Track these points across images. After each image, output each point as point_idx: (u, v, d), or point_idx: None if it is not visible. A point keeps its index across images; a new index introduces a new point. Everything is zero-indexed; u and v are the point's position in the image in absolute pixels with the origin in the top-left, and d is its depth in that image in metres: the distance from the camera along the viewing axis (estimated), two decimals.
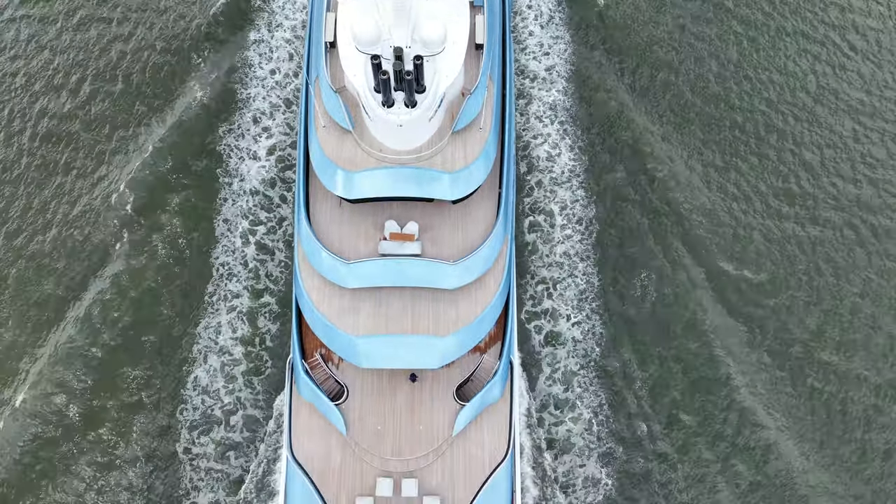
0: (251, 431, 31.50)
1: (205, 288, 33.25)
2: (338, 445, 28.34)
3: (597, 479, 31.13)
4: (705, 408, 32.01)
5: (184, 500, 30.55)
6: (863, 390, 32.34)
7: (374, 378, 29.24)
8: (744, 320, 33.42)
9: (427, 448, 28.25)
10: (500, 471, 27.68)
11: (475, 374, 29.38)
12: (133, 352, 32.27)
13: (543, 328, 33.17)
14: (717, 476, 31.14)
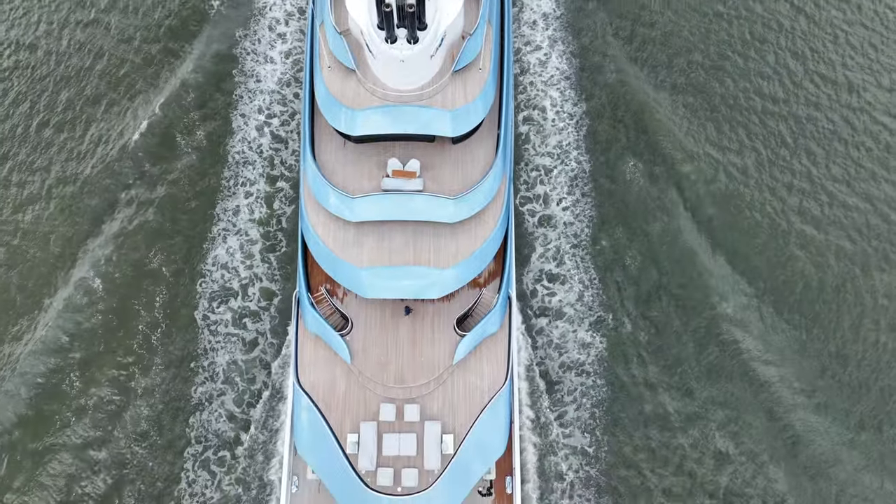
0: (267, 300, 34.18)
1: (222, 173, 35.90)
2: (342, 375, 29.63)
3: (588, 343, 33.59)
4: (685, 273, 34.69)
5: (202, 358, 33.28)
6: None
7: (377, 311, 30.51)
8: (722, 199, 35.98)
9: (428, 376, 29.54)
10: (498, 398, 28.90)
11: (475, 308, 30.62)
12: (155, 232, 35.07)
13: (536, 212, 35.55)
14: (696, 331, 33.77)
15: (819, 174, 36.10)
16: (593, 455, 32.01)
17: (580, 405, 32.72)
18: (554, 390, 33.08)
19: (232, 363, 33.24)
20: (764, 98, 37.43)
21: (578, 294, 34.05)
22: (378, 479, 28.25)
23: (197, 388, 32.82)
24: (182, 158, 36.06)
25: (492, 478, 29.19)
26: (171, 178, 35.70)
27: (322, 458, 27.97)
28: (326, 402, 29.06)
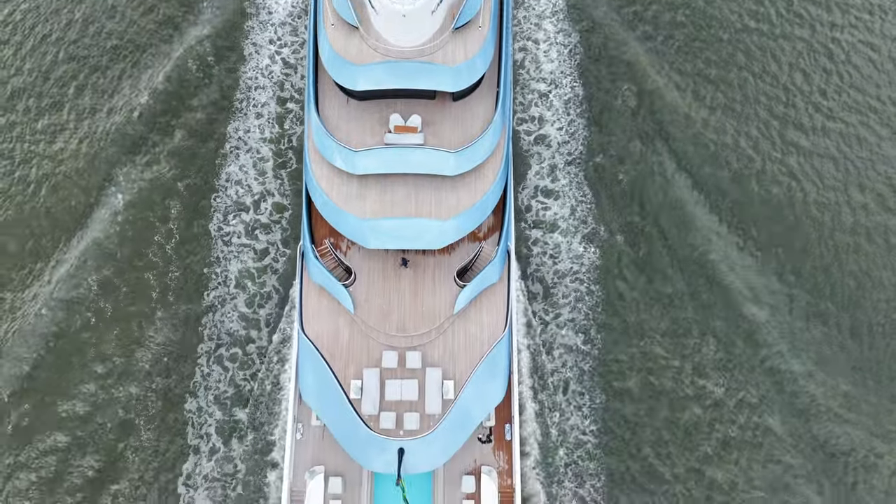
0: (278, 213, 36.16)
1: (233, 95, 37.96)
2: (346, 324, 30.62)
3: (579, 253, 35.51)
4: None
5: (214, 265, 35.20)
6: None
7: (380, 263, 31.58)
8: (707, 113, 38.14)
9: (429, 325, 30.50)
10: (498, 347, 29.97)
11: (474, 261, 31.64)
12: (173, 154, 37.14)
13: (532, 131, 37.60)
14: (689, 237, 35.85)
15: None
16: (587, 352, 33.88)
17: (574, 307, 34.59)
18: (550, 294, 35.00)
19: (244, 270, 35.16)
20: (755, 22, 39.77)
21: (571, 208, 36.00)
22: (381, 422, 29.28)
23: (210, 293, 34.74)
24: (199, 85, 38.16)
25: (491, 424, 30.23)
26: (189, 104, 37.86)
27: (326, 404, 28.95)
28: (330, 351, 30.07)
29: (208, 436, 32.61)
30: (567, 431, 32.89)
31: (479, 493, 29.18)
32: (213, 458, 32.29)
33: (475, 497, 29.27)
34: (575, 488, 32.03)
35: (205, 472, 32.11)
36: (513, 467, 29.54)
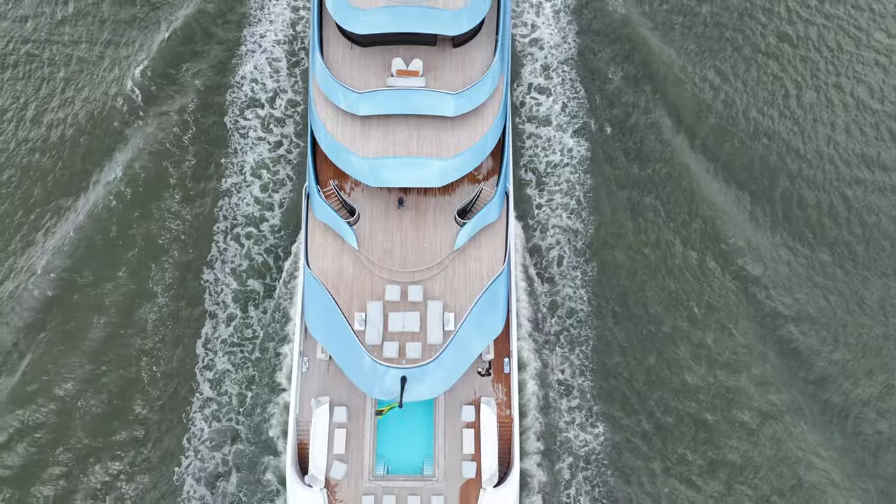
0: (292, 108, 38.74)
1: (248, 2, 40.92)
2: (350, 261, 31.56)
3: (571, 147, 38.00)
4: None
5: (231, 156, 37.95)
6: None
7: (382, 203, 32.61)
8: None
9: (431, 262, 31.50)
10: (497, 282, 30.97)
11: (474, 202, 32.63)
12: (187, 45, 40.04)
13: (527, 35, 40.15)
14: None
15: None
16: (581, 231, 36.47)
17: (566, 193, 37.11)
18: (542, 182, 37.51)
19: (259, 160, 37.72)
20: None
21: (563, 105, 38.56)
22: (384, 351, 30.16)
23: (226, 180, 37.34)
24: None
25: (490, 358, 31.48)
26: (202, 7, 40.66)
27: (331, 336, 30.08)
28: (335, 286, 31.13)
29: (225, 304, 35.11)
30: (559, 303, 35.37)
31: (478, 422, 30.34)
32: (230, 324, 34.77)
33: (475, 426, 30.43)
34: (566, 353, 34.46)
35: (223, 336, 34.57)
36: (511, 399, 30.76)
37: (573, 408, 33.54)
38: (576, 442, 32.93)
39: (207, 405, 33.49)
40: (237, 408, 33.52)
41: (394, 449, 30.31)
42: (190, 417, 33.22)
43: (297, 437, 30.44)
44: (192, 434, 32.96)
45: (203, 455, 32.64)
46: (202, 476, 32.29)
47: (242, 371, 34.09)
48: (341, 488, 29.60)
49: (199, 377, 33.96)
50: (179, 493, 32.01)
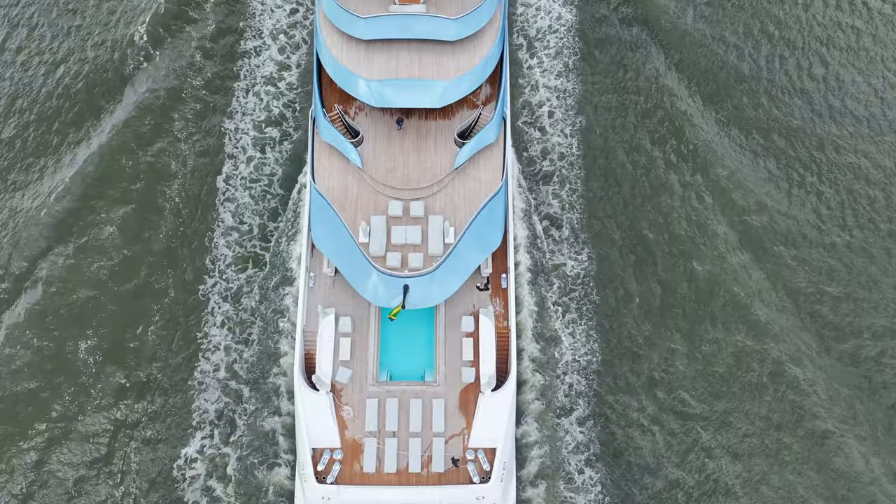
0: None
1: None
2: (354, 180, 33.11)
3: (560, 14, 41.26)
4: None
5: (250, 20, 41.08)
6: None
7: (385, 126, 34.11)
8: None
9: (432, 180, 33.06)
10: (495, 199, 32.45)
11: (474, 127, 34.12)
12: None
13: None
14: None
15: None
16: (570, 90, 39.76)
17: (555, 57, 40.35)
18: (533, 46, 40.77)
19: (277, 26, 40.93)
20: None
21: None
22: (387, 261, 31.64)
23: (246, 42, 40.62)
24: None
25: (489, 273, 32.86)
26: None
27: (337, 248, 31.50)
28: (340, 203, 32.62)
29: (244, 148, 38.34)
30: (550, 149, 38.60)
31: (477, 332, 31.59)
32: (250, 164, 37.99)
33: (474, 335, 31.66)
34: (556, 191, 37.70)
35: (242, 174, 37.79)
36: (509, 311, 32.07)
37: (563, 239, 36.85)
38: (566, 269, 36.19)
39: (229, 233, 36.76)
40: (258, 235, 36.79)
41: (396, 359, 31.62)
42: (214, 242, 36.51)
43: (305, 347, 31.67)
44: (215, 257, 36.19)
45: (228, 277, 35.89)
46: (228, 294, 35.59)
47: (262, 203, 37.33)
48: (346, 392, 30.83)
49: (219, 208, 37.23)
50: (205, 308, 35.32)
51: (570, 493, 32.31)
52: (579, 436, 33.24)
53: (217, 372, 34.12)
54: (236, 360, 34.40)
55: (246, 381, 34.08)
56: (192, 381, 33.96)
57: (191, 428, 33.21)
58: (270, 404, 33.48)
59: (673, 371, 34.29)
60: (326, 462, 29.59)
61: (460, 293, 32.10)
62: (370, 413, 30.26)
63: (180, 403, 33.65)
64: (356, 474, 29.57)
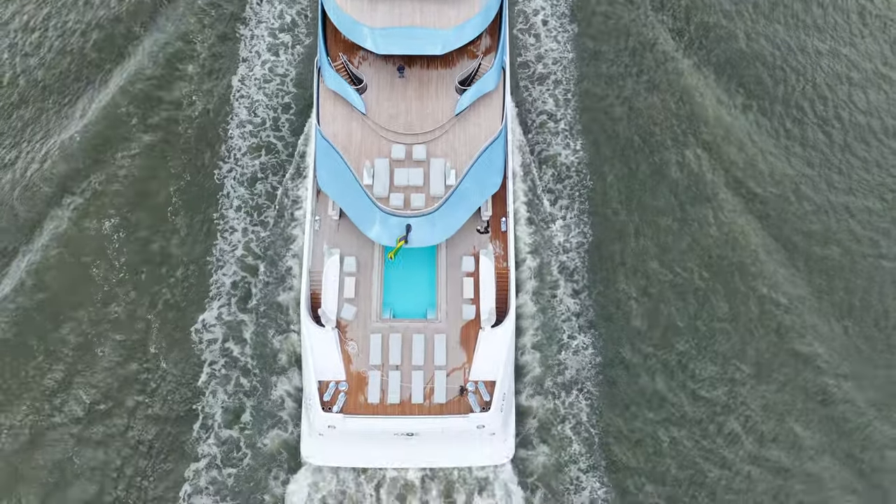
0: None
1: None
2: (358, 126, 33.97)
3: None
4: None
5: None
6: None
7: (388, 74, 35.08)
8: None
9: (434, 125, 34.07)
10: (495, 144, 33.63)
11: (474, 75, 35.16)
12: None
13: None
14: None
15: None
16: None
17: None
18: None
19: None
20: None
21: None
22: (390, 202, 32.51)
23: None
24: None
25: (489, 216, 34.02)
26: None
27: (342, 190, 32.59)
28: (345, 147, 33.54)
29: (259, 52, 40.90)
30: (544, 54, 41.11)
31: (477, 272, 32.64)
32: (264, 67, 40.39)
33: (474, 275, 32.70)
34: (550, 90, 40.22)
35: (256, 76, 40.21)
36: (508, 253, 33.14)
37: (557, 132, 39.35)
38: (560, 158, 38.74)
39: (243, 125, 39.13)
40: (271, 126, 39.17)
41: (399, 298, 32.62)
42: (229, 133, 38.89)
43: (310, 288, 32.62)
44: (231, 146, 38.55)
45: (243, 164, 38.26)
46: (243, 179, 37.96)
47: (276, 99, 39.73)
48: (351, 328, 31.77)
49: (234, 103, 39.58)
50: (221, 190, 37.70)
51: (563, 356, 34.63)
52: (573, 306, 35.62)
53: (235, 250, 36.42)
54: (252, 241, 36.66)
55: (262, 258, 36.31)
56: (209, 258, 36.26)
57: (208, 298, 35.44)
58: (284, 283, 35.70)
59: (664, 245, 36.84)
60: (332, 393, 30.62)
61: (461, 235, 33.30)
62: (374, 347, 31.28)
63: (198, 275, 35.89)
64: (360, 405, 30.60)
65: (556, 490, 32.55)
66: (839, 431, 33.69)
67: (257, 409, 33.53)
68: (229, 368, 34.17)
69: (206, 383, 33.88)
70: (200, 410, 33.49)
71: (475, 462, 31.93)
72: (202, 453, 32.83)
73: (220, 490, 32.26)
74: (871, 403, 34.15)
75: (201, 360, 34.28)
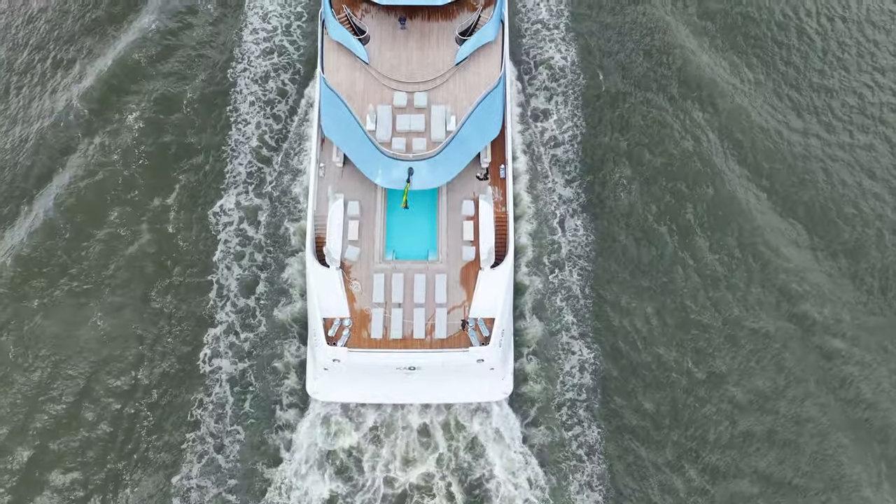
0: None
1: None
2: (361, 75, 35.05)
3: None
4: None
5: None
6: None
7: (390, 27, 36.15)
8: None
9: (434, 73, 35.16)
10: (494, 92, 34.62)
11: (473, 27, 36.03)
12: None
13: None
14: None
15: None
16: None
17: None
18: None
19: None
20: None
21: None
22: (393, 146, 33.56)
23: None
24: None
25: (488, 162, 34.81)
26: None
27: (346, 135, 33.56)
28: (349, 95, 34.64)
29: None
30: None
31: (477, 215, 33.63)
32: None
33: (474, 218, 33.71)
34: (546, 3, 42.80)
35: None
36: (507, 199, 34.18)
37: (554, 38, 41.65)
38: (552, 62, 41.16)
39: (256, 32, 41.48)
40: (282, 31, 41.49)
41: (401, 241, 33.50)
42: (242, 39, 41.15)
43: (315, 232, 33.45)
44: (244, 50, 40.87)
45: (255, 64, 40.55)
46: (256, 77, 40.20)
47: (288, 7, 42.07)
48: (355, 269, 32.72)
49: (248, 13, 41.85)
50: (234, 87, 40.03)
51: (555, 237, 37.02)
52: (566, 193, 37.99)
53: (249, 140, 38.67)
54: (266, 133, 38.89)
55: (275, 150, 38.57)
56: (224, 147, 38.52)
57: (224, 185, 37.74)
58: (297, 178, 37.90)
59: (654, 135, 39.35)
60: (336, 329, 31.55)
61: (461, 182, 34.28)
62: (377, 286, 32.21)
63: (215, 163, 38.18)
64: (364, 340, 31.50)
65: (549, 358, 34.81)
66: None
67: (270, 281, 35.76)
68: (244, 245, 36.37)
69: (222, 259, 36.11)
70: (216, 282, 35.75)
71: (474, 398, 32.77)
72: (219, 320, 35.07)
73: (238, 352, 34.49)
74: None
75: (217, 240, 36.52)
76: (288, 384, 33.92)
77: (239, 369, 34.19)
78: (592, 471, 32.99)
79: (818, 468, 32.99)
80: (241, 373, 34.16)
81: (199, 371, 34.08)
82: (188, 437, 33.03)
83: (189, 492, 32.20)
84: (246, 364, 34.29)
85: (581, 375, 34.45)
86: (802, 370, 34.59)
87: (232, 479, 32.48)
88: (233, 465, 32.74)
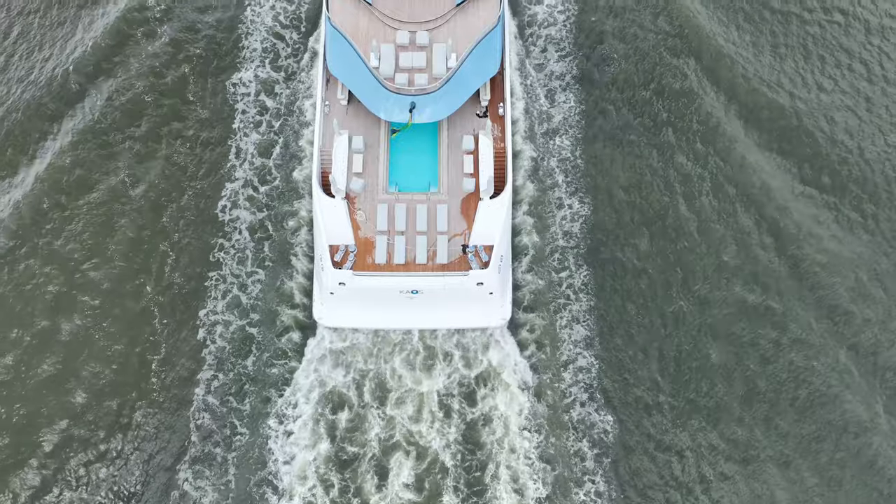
0: None
1: None
2: (365, 17, 36.38)
3: None
4: None
5: None
6: None
7: None
8: None
9: (436, 14, 36.44)
10: (493, 33, 35.94)
11: None
12: None
13: None
14: None
15: None
16: None
17: None
18: None
19: None
20: None
21: None
22: (396, 81, 34.81)
23: None
24: None
25: (487, 100, 35.97)
26: None
27: (350, 72, 34.78)
28: (353, 35, 35.82)
29: None
30: None
31: (477, 150, 34.63)
32: None
33: (474, 153, 34.75)
34: None
35: None
36: (505, 135, 35.19)
37: None
38: None
39: None
40: None
41: (404, 175, 34.68)
42: None
43: (321, 166, 34.64)
44: None
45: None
46: None
47: None
48: (359, 200, 33.94)
49: None
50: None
51: (547, 107, 39.61)
52: (558, 69, 40.60)
53: (264, 19, 41.48)
54: (280, 14, 41.74)
55: (289, 26, 41.20)
56: (240, 24, 41.50)
57: (241, 59, 40.56)
58: (314, 54, 40.19)
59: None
60: (342, 255, 32.92)
61: (461, 118, 35.39)
62: (381, 216, 33.50)
63: (228, 38, 41.06)
64: (368, 265, 32.91)
65: (541, 214, 37.48)
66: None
67: (285, 146, 38.51)
68: (262, 115, 39.17)
69: (240, 127, 38.95)
70: (234, 145, 38.57)
71: (474, 323, 33.95)
72: (237, 176, 37.95)
73: (254, 203, 37.38)
74: None
75: (234, 109, 39.27)
76: (301, 237, 36.72)
77: (258, 219, 37.01)
78: (580, 308, 35.80)
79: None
80: (259, 222, 37.00)
81: (219, 219, 36.96)
82: (210, 275, 35.91)
83: (215, 326, 35.05)
84: (264, 214, 37.08)
85: (572, 224, 37.36)
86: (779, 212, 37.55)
87: (254, 314, 35.33)
88: (254, 303, 35.57)
